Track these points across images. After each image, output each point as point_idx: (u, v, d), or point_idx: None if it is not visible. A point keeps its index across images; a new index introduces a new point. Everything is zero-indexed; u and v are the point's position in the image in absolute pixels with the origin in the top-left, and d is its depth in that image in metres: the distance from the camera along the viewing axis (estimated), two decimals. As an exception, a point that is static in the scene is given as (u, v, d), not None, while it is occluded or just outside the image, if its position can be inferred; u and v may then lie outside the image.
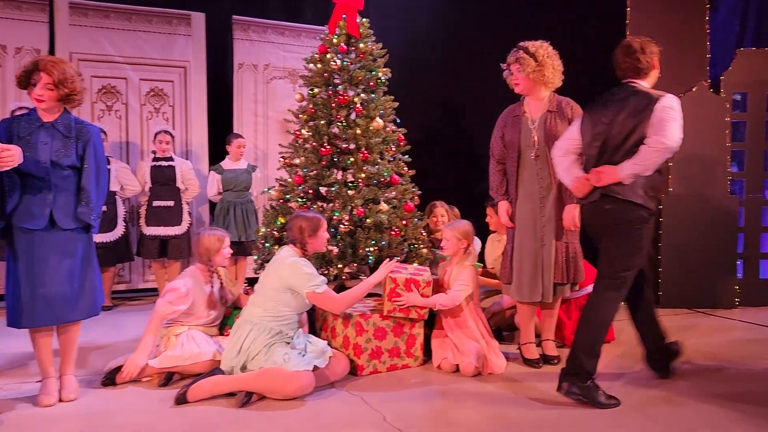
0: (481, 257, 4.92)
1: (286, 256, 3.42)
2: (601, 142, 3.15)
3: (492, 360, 3.65)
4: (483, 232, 4.83)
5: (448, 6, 7.40)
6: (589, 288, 4.22)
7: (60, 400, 3.15)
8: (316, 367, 3.25)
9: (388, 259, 3.73)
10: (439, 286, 3.89)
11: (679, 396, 3.20)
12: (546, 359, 3.81)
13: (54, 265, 3.04)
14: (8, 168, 2.84)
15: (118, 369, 3.43)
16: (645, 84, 3.24)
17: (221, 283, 3.80)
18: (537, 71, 3.60)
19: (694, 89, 5.50)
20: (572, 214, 3.61)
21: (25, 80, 3.06)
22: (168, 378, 3.43)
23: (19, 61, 5.71)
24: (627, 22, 5.69)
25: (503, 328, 4.42)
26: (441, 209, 5.20)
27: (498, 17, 7.30)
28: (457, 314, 3.78)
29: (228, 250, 3.79)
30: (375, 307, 3.82)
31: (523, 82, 3.66)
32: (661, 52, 3.32)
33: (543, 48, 3.63)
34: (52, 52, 5.85)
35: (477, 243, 4.87)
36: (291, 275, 3.34)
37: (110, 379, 3.40)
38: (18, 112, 3.10)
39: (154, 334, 3.49)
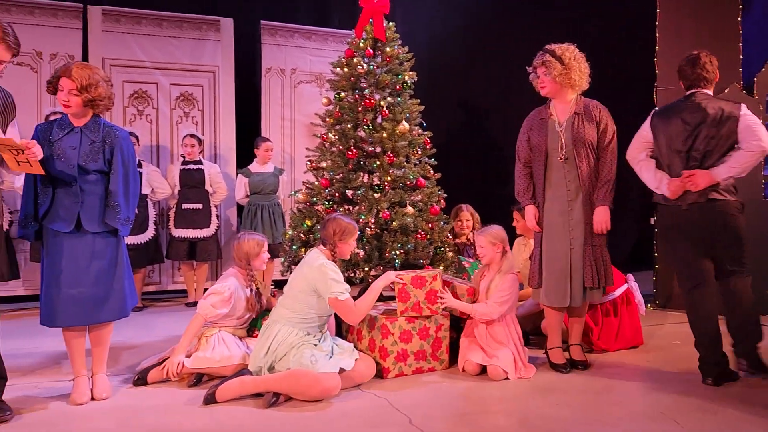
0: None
1: (315, 258, 3.44)
2: (687, 149, 3.40)
3: (521, 366, 3.62)
4: (509, 236, 4.80)
5: (474, 9, 7.40)
6: (617, 292, 4.21)
7: (92, 399, 3.21)
8: (342, 369, 3.27)
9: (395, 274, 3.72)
10: (474, 293, 3.85)
11: (711, 403, 3.15)
12: (573, 364, 3.77)
13: (83, 266, 3.10)
14: (37, 158, 2.89)
15: (150, 368, 3.49)
16: (710, 92, 3.47)
17: (257, 288, 3.82)
18: (564, 74, 3.59)
19: (726, 91, 5.40)
20: (603, 217, 3.58)
21: (54, 86, 3.14)
22: (198, 378, 3.48)
23: (54, 66, 5.85)
24: (657, 23, 5.62)
25: (530, 332, 4.39)
26: (467, 213, 5.20)
27: (524, 20, 7.28)
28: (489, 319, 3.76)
29: (266, 255, 3.84)
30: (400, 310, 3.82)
31: (550, 85, 3.65)
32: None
33: (569, 51, 3.63)
34: (85, 58, 5.98)
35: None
36: (317, 278, 3.36)
37: (142, 378, 3.46)
38: (52, 117, 3.18)
39: (194, 334, 3.54)
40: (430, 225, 4.37)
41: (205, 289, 6.09)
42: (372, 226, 4.16)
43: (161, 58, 6.31)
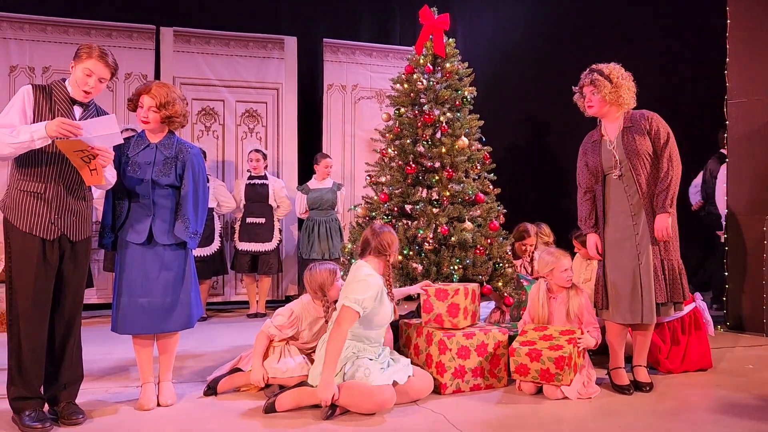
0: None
1: (364, 271, 3.40)
2: None
3: (585, 386, 3.53)
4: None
5: (535, 24, 7.35)
6: (684, 311, 4.05)
7: (158, 405, 3.34)
8: (395, 383, 3.27)
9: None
10: (548, 315, 3.78)
11: (786, 432, 2.98)
12: (637, 386, 3.65)
13: (153, 277, 3.24)
14: (108, 164, 3.03)
15: (220, 379, 3.58)
16: None
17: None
18: (613, 92, 3.59)
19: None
20: (664, 224, 3.48)
21: (134, 103, 3.31)
22: (267, 387, 3.57)
23: (128, 86, 6.15)
24: (727, 35, 5.42)
25: (591, 352, 4.27)
26: (532, 239, 5.13)
27: (585, 35, 7.17)
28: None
29: (340, 282, 3.68)
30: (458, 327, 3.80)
31: (598, 105, 3.65)
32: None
33: (617, 70, 3.63)
34: (157, 77, 6.27)
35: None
36: (347, 283, 3.38)
37: (212, 389, 3.56)
38: (125, 134, 3.36)
39: (261, 352, 3.58)
40: (488, 240, 4.34)
41: (267, 302, 6.27)
42: (430, 241, 4.17)
43: (228, 76, 6.54)
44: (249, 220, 5.98)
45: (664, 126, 3.60)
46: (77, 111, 3.04)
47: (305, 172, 6.60)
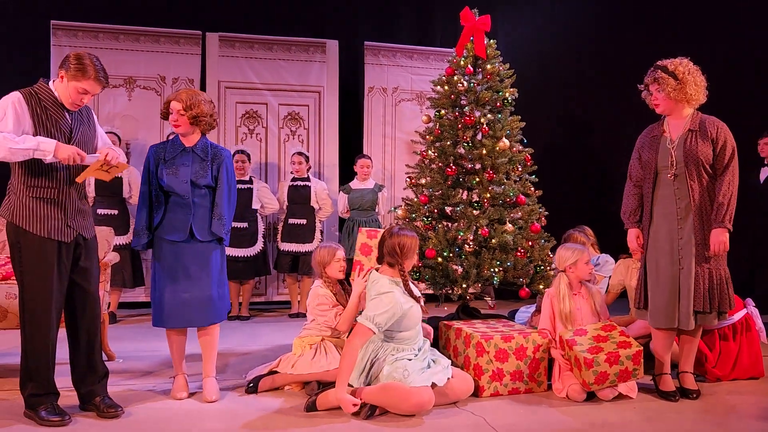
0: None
1: (375, 281, 3.43)
2: None
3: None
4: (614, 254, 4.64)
5: (577, 23, 7.24)
6: (736, 317, 3.93)
7: (204, 401, 3.41)
8: (434, 384, 3.28)
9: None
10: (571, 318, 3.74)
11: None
12: (684, 393, 3.56)
13: (194, 273, 3.40)
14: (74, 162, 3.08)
15: (261, 378, 3.64)
16: None
17: (341, 289, 3.87)
18: (678, 89, 3.45)
19: None
20: (721, 239, 3.38)
21: (165, 111, 3.48)
22: (306, 384, 3.63)
23: (175, 90, 6.30)
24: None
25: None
26: (578, 236, 5.05)
27: (633, 35, 7.01)
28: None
29: (341, 264, 3.81)
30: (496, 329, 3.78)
31: (664, 102, 3.52)
32: None
33: (683, 65, 3.48)
34: (203, 81, 6.41)
35: (610, 263, 4.69)
36: (366, 298, 3.41)
37: (254, 386, 3.63)
38: (171, 137, 3.53)
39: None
40: (530, 243, 4.30)
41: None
42: (470, 243, 4.16)
43: (271, 79, 6.64)
44: (291, 221, 6.07)
45: (731, 139, 3.47)
46: (66, 115, 3.10)
47: (346, 174, 6.65)
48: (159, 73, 6.34)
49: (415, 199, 4.52)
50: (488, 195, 4.28)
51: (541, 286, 4.26)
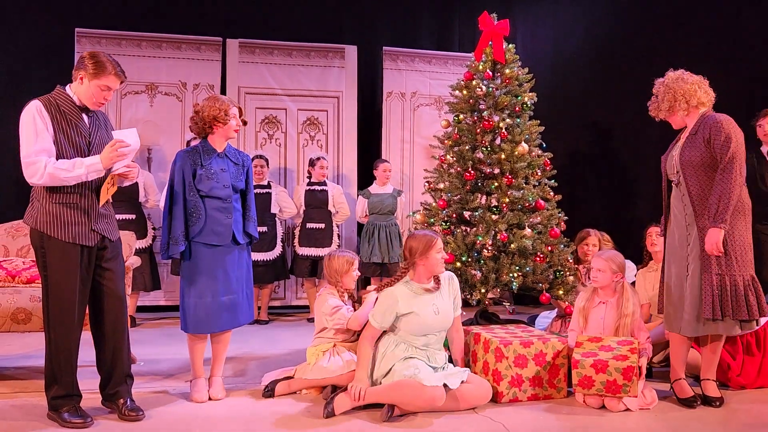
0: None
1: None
2: None
3: (643, 396, 3.43)
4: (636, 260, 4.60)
5: (596, 28, 7.19)
6: (761, 323, 3.85)
7: (209, 399, 3.49)
8: (447, 387, 3.26)
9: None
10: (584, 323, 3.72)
11: None
12: (707, 401, 3.49)
13: (231, 275, 3.49)
14: (124, 167, 3.15)
15: (278, 382, 3.66)
16: None
17: (352, 301, 3.90)
18: (665, 102, 3.52)
19: None
20: (713, 239, 3.30)
21: (225, 118, 3.52)
22: (322, 388, 3.64)
23: (196, 96, 6.38)
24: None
25: (658, 363, 4.14)
26: (594, 238, 4.98)
27: (649, 36, 6.95)
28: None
29: (356, 273, 3.82)
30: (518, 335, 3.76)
31: (666, 118, 3.59)
32: None
33: (668, 77, 3.55)
34: (223, 87, 6.47)
35: (631, 268, 4.64)
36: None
37: (270, 391, 3.65)
38: (193, 143, 3.57)
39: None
40: (549, 248, 4.28)
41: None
42: (489, 248, 4.15)
43: (290, 85, 6.69)
44: (309, 225, 6.09)
45: (726, 133, 3.30)
46: (84, 118, 3.15)
47: (365, 178, 6.66)
48: (180, 79, 6.41)
49: (434, 204, 4.52)
50: (507, 200, 4.27)
51: (560, 292, 4.23)
